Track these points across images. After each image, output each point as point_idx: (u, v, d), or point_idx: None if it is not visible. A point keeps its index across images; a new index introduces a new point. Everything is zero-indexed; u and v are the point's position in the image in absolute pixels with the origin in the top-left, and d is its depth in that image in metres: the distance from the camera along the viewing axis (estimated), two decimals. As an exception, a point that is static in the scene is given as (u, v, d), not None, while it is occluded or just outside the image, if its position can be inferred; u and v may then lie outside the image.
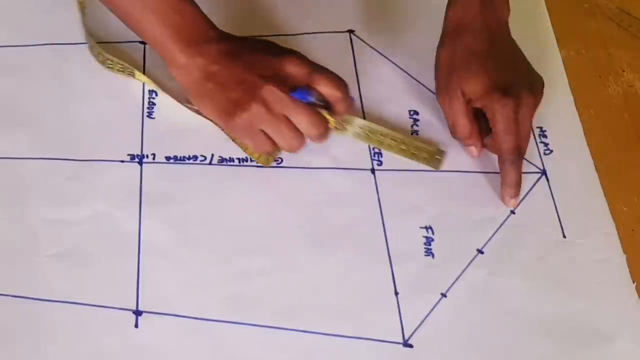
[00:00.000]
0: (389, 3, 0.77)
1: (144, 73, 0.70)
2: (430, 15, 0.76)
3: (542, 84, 0.67)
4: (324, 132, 0.63)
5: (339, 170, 0.67)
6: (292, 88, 0.61)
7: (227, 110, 0.62)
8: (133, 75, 0.70)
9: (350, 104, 0.64)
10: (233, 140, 0.67)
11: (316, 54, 0.65)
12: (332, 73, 0.63)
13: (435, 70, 0.68)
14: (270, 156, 0.66)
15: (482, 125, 0.67)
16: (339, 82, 0.63)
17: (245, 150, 0.66)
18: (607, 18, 0.79)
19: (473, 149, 0.67)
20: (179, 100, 0.68)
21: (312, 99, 0.62)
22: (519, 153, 0.64)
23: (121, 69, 0.70)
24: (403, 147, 0.67)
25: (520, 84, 0.64)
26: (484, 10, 0.66)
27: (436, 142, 0.68)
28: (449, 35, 0.67)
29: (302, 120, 0.62)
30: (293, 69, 0.62)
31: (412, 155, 0.67)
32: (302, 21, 0.75)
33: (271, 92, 0.61)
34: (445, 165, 0.68)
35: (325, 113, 0.63)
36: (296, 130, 0.62)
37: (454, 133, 0.67)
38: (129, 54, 0.71)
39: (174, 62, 0.63)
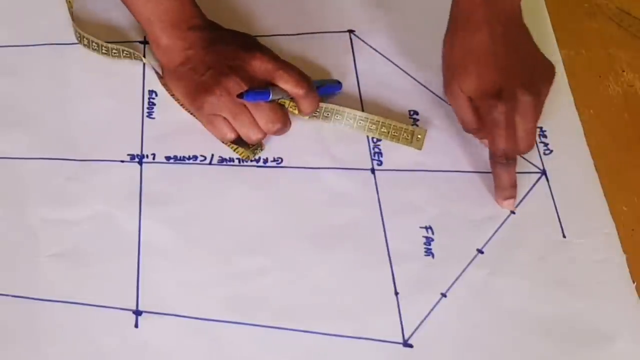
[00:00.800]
0: (389, 3, 0.77)
1: (143, 73, 0.70)
2: (431, 15, 0.76)
3: (550, 76, 0.66)
4: (280, 127, 0.66)
5: (339, 170, 0.67)
6: (255, 84, 0.64)
7: (194, 92, 0.66)
8: (141, 59, 0.70)
9: (314, 101, 0.66)
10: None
11: (316, 54, 0.65)
12: (296, 71, 0.65)
13: (442, 59, 0.68)
14: (250, 151, 0.66)
15: None
16: (302, 80, 0.65)
17: (224, 142, 0.67)
18: (607, 18, 0.79)
19: (487, 142, 0.67)
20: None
21: (271, 98, 0.64)
22: (507, 156, 0.64)
23: (128, 55, 0.70)
24: (384, 130, 0.68)
25: (516, 82, 0.63)
26: (489, 1, 0.65)
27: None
28: (451, 29, 0.67)
29: (258, 115, 0.65)
30: (258, 65, 0.64)
31: (394, 137, 0.67)
32: (302, 21, 0.75)
33: (235, 83, 0.63)
34: (445, 165, 0.68)
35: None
36: (255, 121, 0.65)
37: (464, 128, 0.67)
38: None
39: (157, 42, 0.67)
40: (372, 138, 0.69)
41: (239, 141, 0.66)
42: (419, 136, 0.68)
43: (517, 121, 0.63)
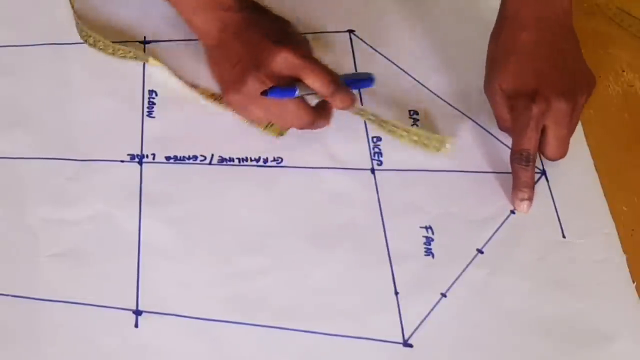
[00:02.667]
0: (389, 3, 0.77)
1: (143, 73, 0.70)
2: (431, 16, 0.76)
3: (590, 87, 0.66)
4: (307, 122, 0.64)
5: (339, 170, 0.67)
6: (281, 81, 0.62)
7: (225, 85, 0.65)
8: (147, 61, 0.70)
9: (345, 98, 0.63)
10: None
11: (316, 54, 0.65)
12: (322, 69, 0.62)
13: (486, 61, 0.68)
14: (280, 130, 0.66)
15: None
16: (328, 79, 0.62)
17: (253, 124, 0.67)
18: (607, 18, 0.79)
19: None
20: (189, 85, 0.69)
21: (297, 94, 0.62)
22: (528, 158, 0.64)
23: (134, 57, 0.70)
24: (415, 138, 0.67)
25: (554, 88, 0.63)
26: (539, 1, 0.65)
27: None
28: (498, 26, 0.67)
29: (284, 110, 0.64)
30: (284, 61, 0.62)
31: (424, 146, 0.67)
32: (302, 21, 0.75)
33: (259, 82, 0.62)
34: (445, 165, 0.68)
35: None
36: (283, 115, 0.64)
37: (499, 126, 0.67)
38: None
39: (190, 23, 0.66)
40: (372, 138, 0.69)
41: None
42: (448, 145, 0.67)
43: (547, 126, 0.64)
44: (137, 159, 0.66)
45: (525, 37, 0.65)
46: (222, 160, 0.67)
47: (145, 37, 0.73)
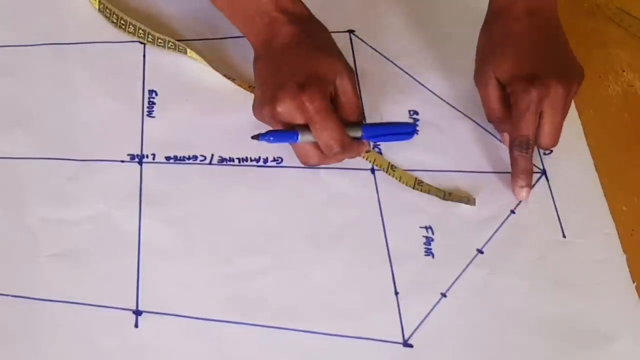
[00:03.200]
0: (389, 3, 0.77)
1: (143, 73, 0.70)
2: (431, 16, 0.76)
3: (580, 76, 0.66)
4: (315, 163, 0.64)
5: (339, 170, 0.67)
6: (291, 121, 0.62)
7: (263, 99, 0.63)
8: (185, 52, 0.71)
9: (343, 158, 0.64)
10: None
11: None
12: (331, 128, 0.61)
13: (477, 46, 0.69)
14: None
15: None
16: (332, 142, 0.61)
17: None
18: (607, 18, 0.79)
19: (506, 135, 0.67)
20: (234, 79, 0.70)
21: (300, 140, 0.62)
22: (526, 144, 0.64)
23: (172, 46, 0.71)
24: (449, 195, 0.66)
25: (551, 73, 0.64)
26: None
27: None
28: (490, 18, 0.68)
29: (294, 147, 0.64)
30: (301, 104, 0.61)
31: (450, 198, 0.66)
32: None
33: (271, 117, 0.62)
34: (445, 165, 0.68)
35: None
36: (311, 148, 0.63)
37: (488, 117, 0.67)
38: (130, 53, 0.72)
39: (243, 33, 0.66)
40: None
41: None
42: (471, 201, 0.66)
43: (545, 112, 0.64)
44: (137, 159, 0.66)
45: (519, 27, 0.66)
46: (222, 160, 0.67)
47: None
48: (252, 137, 0.63)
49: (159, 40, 0.71)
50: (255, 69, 0.65)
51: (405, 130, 0.67)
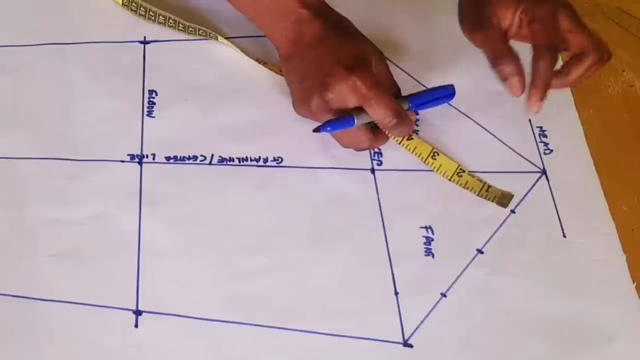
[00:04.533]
0: (389, 3, 0.77)
1: (143, 73, 0.70)
2: (431, 16, 0.76)
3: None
4: (367, 146, 0.65)
5: (339, 170, 0.67)
6: (343, 106, 0.62)
7: (295, 96, 0.65)
8: (217, 39, 0.71)
9: (404, 130, 0.63)
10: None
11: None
12: (386, 101, 0.61)
13: (461, 10, 0.67)
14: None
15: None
16: (391, 113, 0.61)
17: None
18: (607, 18, 0.79)
19: (515, 81, 0.63)
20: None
21: (356, 124, 0.62)
22: (552, 49, 0.63)
23: (203, 34, 0.71)
24: (486, 192, 0.66)
25: None
26: None
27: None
28: None
29: (343, 136, 0.64)
30: (350, 89, 0.61)
31: (486, 195, 0.66)
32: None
33: (320, 107, 0.62)
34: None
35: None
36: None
37: (494, 62, 0.64)
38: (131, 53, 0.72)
39: (268, 35, 0.66)
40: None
41: None
42: (507, 200, 0.66)
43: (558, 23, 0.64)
44: (137, 159, 0.66)
45: None
46: (222, 160, 0.67)
47: (145, 37, 0.73)
48: (314, 131, 0.63)
49: (190, 28, 0.72)
50: (288, 68, 0.65)
51: (445, 93, 0.67)
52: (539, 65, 0.63)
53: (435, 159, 0.67)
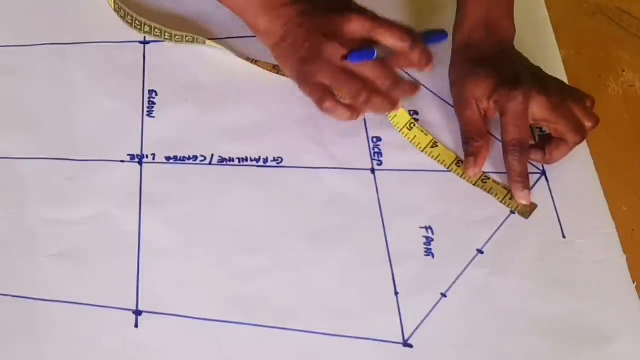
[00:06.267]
0: (388, 3, 0.77)
1: (143, 73, 0.70)
2: (430, 16, 0.76)
3: (560, 88, 0.67)
4: (391, 83, 0.63)
5: (339, 170, 0.67)
6: (356, 45, 0.62)
7: (298, 68, 0.64)
8: (204, 43, 0.71)
9: (424, 52, 0.63)
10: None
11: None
12: (396, 25, 0.63)
13: (450, 88, 0.70)
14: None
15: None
16: (404, 32, 0.62)
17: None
18: (607, 18, 0.79)
19: (470, 161, 0.67)
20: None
21: (377, 55, 0.62)
22: (521, 146, 0.65)
23: (190, 40, 0.71)
24: (509, 199, 0.66)
25: (530, 83, 0.65)
26: (489, 32, 0.69)
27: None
28: (457, 53, 0.70)
29: (366, 75, 0.62)
30: (355, 26, 0.62)
31: (509, 203, 0.66)
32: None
33: (333, 49, 0.62)
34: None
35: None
36: (359, 81, 0.62)
37: (468, 134, 0.68)
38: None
39: (256, 28, 0.66)
40: (372, 138, 0.69)
41: None
42: (529, 210, 0.66)
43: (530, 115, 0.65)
44: (137, 159, 0.66)
45: (486, 54, 0.68)
46: (222, 160, 0.67)
47: (145, 37, 0.73)
48: (342, 59, 0.62)
49: (176, 37, 0.71)
50: (283, 47, 0.65)
51: (438, 37, 0.66)
52: (510, 162, 0.66)
53: (434, 149, 0.68)
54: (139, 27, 0.72)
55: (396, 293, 0.61)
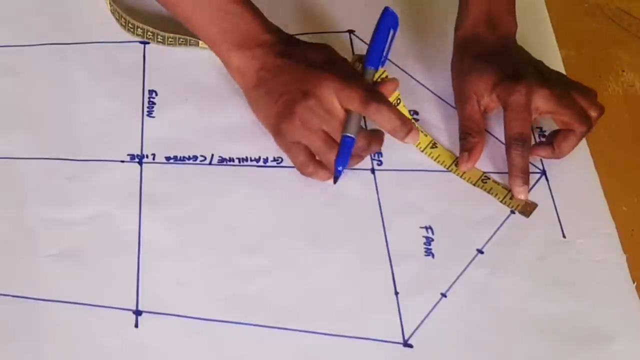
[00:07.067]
0: (388, 3, 0.77)
1: (143, 73, 0.70)
2: (430, 16, 0.76)
3: (562, 81, 0.68)
4: (362, 146, 0.64)
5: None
6: (328, 106, 0.61)
7: (272, 120, 0.64)
8: (197, 45, 0.71)
9: (389, 115, 0.62)
10: None
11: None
12: (361, 88, 0.61)
13: (452, 82, 0.70)
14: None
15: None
16: (366, 96, 0.61)
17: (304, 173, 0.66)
18: (607, 18, 0.79)
19: (464, 156, 0.67)
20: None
21: (355, 137, 0.62)
22: (523, 140, 0.65)
23: (183, 42, 0.71)
24: (510, 199, 0.66)
25: (532, 77, 0.65)
26: (492, 27, 0.69)
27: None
28: (459, 47, 0.70)
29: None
30: (327, 87, 0.61)
31: (510, 203, 0.66)
32: (302, 21, 0.75)
33: (309, 113, 0.61)
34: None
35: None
36: (332, 142, 0.62)
37: (466, 129, 0.67)
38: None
39: (227, 63, 0.65)
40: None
41: None
42: (529, 208, 0.66)
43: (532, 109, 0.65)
44: (137, 159, 0.66)
45: (487, 49, 0.68)
46: (222, 160, 0.67)
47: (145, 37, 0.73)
48: (335, 182, 0.63)
49: (169, 39, 0.71)
50: (258, 94, 0.64)
51: (388, 25, 0.65)
52: (512, 157, 0.66)
53: (433, 149, 0.68)
54: (132, 29, 0.72)
55: (396, 293, 0.61)
